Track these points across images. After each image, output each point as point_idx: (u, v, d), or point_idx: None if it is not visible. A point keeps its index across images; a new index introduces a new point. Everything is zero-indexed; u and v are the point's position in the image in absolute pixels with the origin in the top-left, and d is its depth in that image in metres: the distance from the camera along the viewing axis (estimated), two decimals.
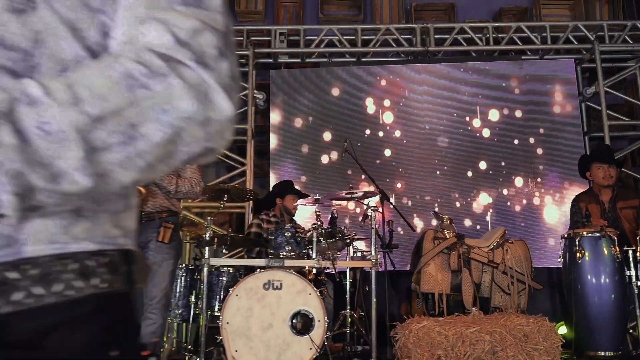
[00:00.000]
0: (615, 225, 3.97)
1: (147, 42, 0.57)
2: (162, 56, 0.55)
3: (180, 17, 0.59)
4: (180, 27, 0.57)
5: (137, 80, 0.53)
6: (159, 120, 0.54)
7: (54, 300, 0.56)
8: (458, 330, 3.62)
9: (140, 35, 0.58)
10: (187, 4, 0.61)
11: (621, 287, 3.67)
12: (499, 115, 5.80)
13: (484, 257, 4.39)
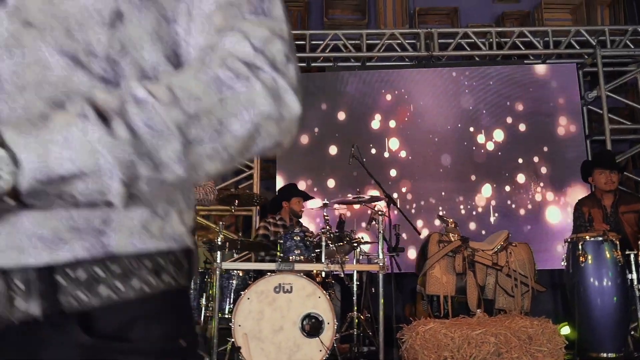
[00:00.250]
0: (618, 229, 4.06)
1: (230, 49, 0.64)
2: (244, 62, 0.63)
3: (254, 27, 0.66)
4: (255, 37, 0.65)
5: (225, 83, 0.61)
6: (242, 118, 0.61)
7: (132, 295, 0.63)
8: (464, 332, 3.70)
9: (222, 43, 0.65)
10: (257, 14, 0.68)
11: (623, 290, 3.76)
12: (501, 120, 5.88)
13: (488, 259, 4.47)
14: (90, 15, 0.64)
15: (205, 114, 0.59)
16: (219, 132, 0.60)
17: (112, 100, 0.57)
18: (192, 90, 0.59)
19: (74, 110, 0.56)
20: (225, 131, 0.60)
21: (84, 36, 0.63)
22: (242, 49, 0.64)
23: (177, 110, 0.58)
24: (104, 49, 0.64)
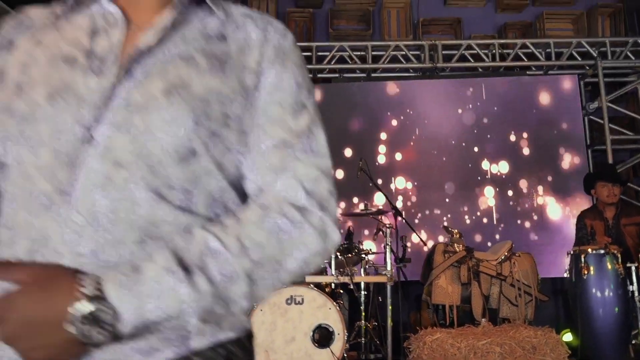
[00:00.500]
0: (619, 241, 4.18)
1: (286, 196, 0.77)
2: (298, 208, 0.75)
3: (304, 167, 0.78)
4: (306, 179, 0.77)
5: (283, 230, 0.73)
6: (296, 257, 0.74)
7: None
8: (470, 342, 3.82)
9: (279, 186, 0.77)
10: (306, 152, 0.80)
11: (624, 301, 3.87)
12: (503, 131, 5.98)
13: (493, 270, 4.58)
14: (169, 154, 0.73)
15: (267, 258, 0.71)
16: (277, 270, 0.73)
17: (192, 251, 0.68)
18: (257, 240, 0.71)
19: (161, 262, 0.66)
20: (282, 269, 0.73)
21: (164, 172, 0.73)
22: (295, 195, 0.76)
23: (245, 259, 0.70)
24: (180, 182, 0.74)
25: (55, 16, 0.84)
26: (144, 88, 0.74)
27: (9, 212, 0.75)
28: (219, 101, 0.77)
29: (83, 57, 0.77)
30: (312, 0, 6.85)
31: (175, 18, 0.80)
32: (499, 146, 5.95)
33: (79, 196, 0.71)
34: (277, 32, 0.85)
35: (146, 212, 0.72)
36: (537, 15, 6.71)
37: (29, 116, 0.74)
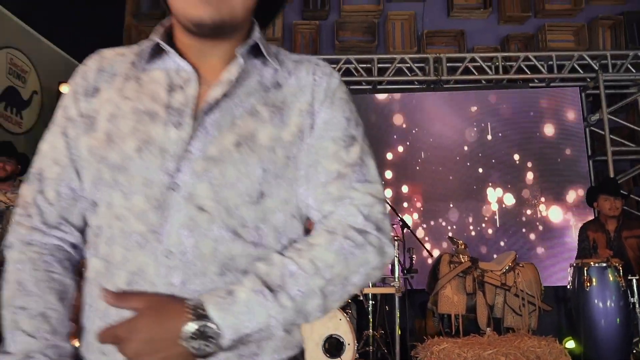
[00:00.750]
0: (620, 253, 4.30)
1: (348, 222, 0.88)
2: (359, 231, 0.87)
3: (360, 195, 0.89)
4: (363, 205, 0.88)
5: (348, 251, 0.85)
6: (360, 273, 0.86)
7: None
8: (476, 352, 3.93)
9: (340, 212, 0.89)
10: (360, 181, 0.90)
11: (625, 312, 3.98)
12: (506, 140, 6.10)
13: (497, 280, 4.70)
14: (242, 199, 0.86)
15: (337, 276, 0.84)
16: (344, 285, 0.85)
17: (274, 274, 0.82)
18: (327, 261, 0.84)
19: (250, 285, 0.80)
20: (348, 284, 0.86)
21: (239, 213, 0.86)
22: (355, 220, 0.88)
23: (318, 278, 0.83)
24: (252, 220, 0.87)
25: (132, 65, 0.95)
26: (218, 141, 0.86)
27: (104, 248, 0.87)
28: (281, 147, 0.89)
29: (163, 111, 0.88)
30: (317, 12, 6.98)
31: (239, 73, 0.91)
32: (502, 157, 6.07)
33: (168, 235, 0.83)
34: (324, 75, 0.96)
35: (225, 248, 0.84)
36: (539, 27, 6.84)
37: (121, 166, 0.86)
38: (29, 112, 5.25)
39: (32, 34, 5.36)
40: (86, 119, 0.92)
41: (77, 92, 0.95)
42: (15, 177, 4.05)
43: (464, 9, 6.98)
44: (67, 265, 0.93)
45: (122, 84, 0.93)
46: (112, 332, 0.77)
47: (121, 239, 0.85)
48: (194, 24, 0.87)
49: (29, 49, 5.27)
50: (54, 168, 0.93)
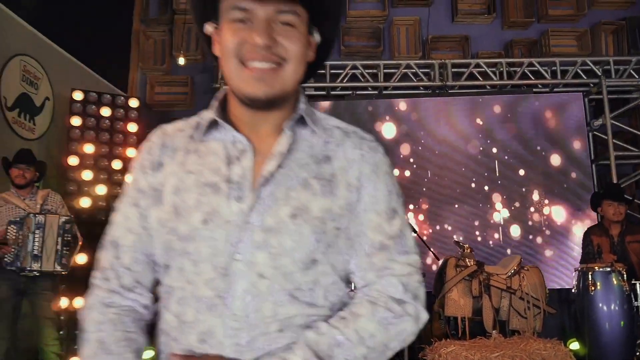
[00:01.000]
0: (624, 257, 4.39)
1: (389, 293, 0.98)
2: (398, 301, 0.97)
3: (400, 267, 1.00)
4: (402, 275, 0.99)
5: (388, 321, 0.96)
6: (397, 340, 0.97)
7: None
8: (483, 354, 4.02)
9: (382, 283, 0.99)
10: (400, 253, 1.01)
11: (629, 316, 4.08)
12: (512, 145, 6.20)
13: (503, 284, 4.79)
14: (297, 266, 0.95)
15: (378, 344, 0.94)
16: (384, 351, 0.96)
17: (323, 343, 0.92)
18: (370, 331, 0.94)
19: (301, 355, 0.90)
20: (387, 350, 0.96)
21: (295, 278, 0.95)
22: (395, 291, 0.99)
23: (362, 347, 0.93)
24: (306, 284, 0.96)
25: (191, 138, 1.04)
26: (274, 212, 0.95)
27: (176, 306, 0.98)
28: (332, 218, 0.97)
29: (224, 184, 0.97)
30: None
31: (289, 145, 1.00)
32: (507, 162, 6.17)
33: (233, 300, 0.93)
34: (370, 149, 1.05)
35: (283, 310, 0.94)
36: (542, 32, 6.93)
37: (189, 237, 0.95)
38: (41, 118, 5.34)
39: (44, 41, 5.46)
40: (154, 192, 1.02)
41: (145, 166, 1.04)
42: (33, 184, 4.14)
43: (468, 15, 7.07)
44: (141, 325, 1.03)
45: (183, 158, 1.02)
46: None
47: (192, 301, 0.95)
48: (249, 99, 0.97)
49: (41, 56, 5.36)
50: (128, 236, 1.03)
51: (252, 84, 0.95)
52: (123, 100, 5.38)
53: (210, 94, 6.89)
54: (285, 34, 0.96)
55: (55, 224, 3.93)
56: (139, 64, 7.03)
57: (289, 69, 0.97)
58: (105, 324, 0.98)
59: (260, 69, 0.95)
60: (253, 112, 1.00)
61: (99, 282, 1.03)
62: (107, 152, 5.17)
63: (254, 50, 0.94)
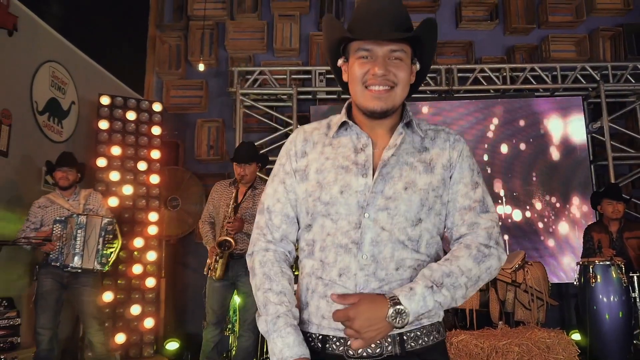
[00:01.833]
0: (622, 252, 4.69)
1: (479, 240, 1.34)
2: (486, 246, 1.33)
3: (484, 221, 1.36)
4: (487, 228, 1.35)
5: (480, 259, 1.31)
6: (487, 273, 1.32)
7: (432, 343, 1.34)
8: (491, 342, 4.31)
9: (474, 234, 1.35)
10: (484, 212, 1.38)
11: (627, 306, 4.36)
12: (516, 146, 6.49)
13: (508, 277, 5.08)
14: (408, 223, 1.33)
15: (474, 275, 1.31)
16: (477, 281, 1.33)
17: (437, 275, 1.26)
18: (468, 266, 1.30)
19: (423, 283, 1.25)
20: (480, 281, 1.33)
21: (406, 232, 1.33)
22: (483, 238, 1.35)
23: (463, 277, 1.29)
24: (414, 236, 1.34)
25: (325, 135, 1.45)
26: (392, 186, 1.34)
27: (318, 253, 1.36)
28: (432, 189, 1.36)
29: (353, 166, 1.36)
30: None
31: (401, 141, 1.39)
32: (510, 162, 6.46)
33: (363, 245, 1.31)
34: (455, 140, 1.44)
35: (398, 254, 1.32)
36: (542, 38, 7.22)
37: (330, 202, 1.34)
38: (68, 121, 5.60)
39: (71, 48, 5.71)
40: (300, 172, 1.42)
41: (291, 154, 1.46)
42: (76, 185, 4.39)
43: (472, 21, 7.36)
44: (289, 264, 1.43)
45: (322, 148, 1.42)
46: (344, 314, 1.22)
47: (332, 247, 1.33)
48: (369, 112, 1.38)
49: (68, 62, 5.61)
50: (277, 205, 1.44)
51: (372, 101, 1.35)
52: (147, 104, 5.63)
53: (224, 96, 7.19)
54: (395, 65, 1.35)
55: (98, 225, 4.16)
56: (155, 68, 7.29)
57: (398, 90, 1.36)
58: (267, 262, 1.39)
59: (378, 91, 1.34)
60: (372, 119, 1.41)
61: (258, 236, 1.45)
62: (132, 154, 5.42)
63: (375, 77, 1.33)
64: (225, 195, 4.30)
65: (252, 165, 4.27)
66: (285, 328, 1.28)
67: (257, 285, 1.37)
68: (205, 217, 4.40)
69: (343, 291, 1.29)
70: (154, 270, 5.30)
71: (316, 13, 7.40)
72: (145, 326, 5.16)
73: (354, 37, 1.36)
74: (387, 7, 1.37)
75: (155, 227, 5.40)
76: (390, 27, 1.34)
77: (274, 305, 1.32)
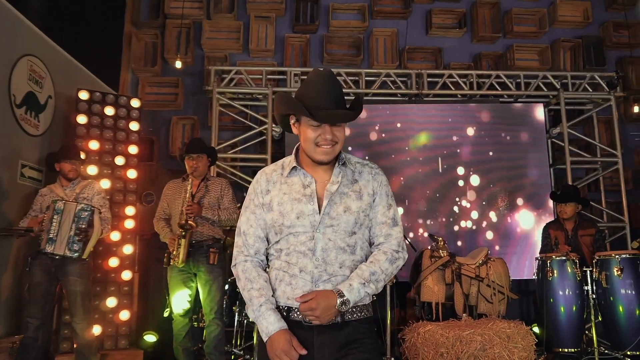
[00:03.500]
0: (577, 249, 5.02)
1: (392, 247, 1.92)
2: (397, 251, 1.93)
3: (395, 233, 1.95)
4: (396, 238, 1.95)
5: (393, 261, 1.91)
6: (396, 270, 1.93)
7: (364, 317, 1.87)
8: (456, 333, 4.56)
9: (388, 243, 1.93)
10: (394, 226, 1.95)
11: (581, 299, 4.68)
12: (480, 150, 6.81)
13: (472, 272, 5.36)
14: (346, 234, 1.86)
15: (389, 273, 1.89)
16: (389, 276, 1.89)
17: (365, 274, 1.81)
18: (386, 266, 1.87)
19: (357, 281, 1.80)
20: (391, 275, 1.90)
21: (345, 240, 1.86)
22: (394, 247, 1.92)
23: (383, 274, 1.86)
24: (351, 244, 1.87)
25: (281, 175, 1.95)
26: (335, 209, 1.86)
27: (284, 256, 1.86)
28: (362, 211, 1.89)
29: (303, 197, 1.87)
30: (308, 26, 7.55)
31: (340, 177, 1.92)
32: (476, 164, 6.77)
33: (316, 252, 1.82)
34: (376, 174, 1.97)
35: (340, 257, 1.84)
36: (507, 47, 7.58)
37: (291, 225, 1.85)
38: (44, 115, 5.62)
39: (48, 42, 5.74)
40: (266, 205, 1.92)
41: (257, 192, 1.96)
42: (80, 177, 4.61)
43: (441, 28, 7.67)
44: (263, 269, 1.94)
45: (279, 186, 1.92)
46: (308, 306, 1.73)
47: (294, 253, 1.84)
48: (318, 162, 1.89)
49: (45, 56, 5.64)
50: (250, 229, 1.94)
51: (321, 156, 1.87)
52: (125, 100, 5.70)
53: (199, 95, 7.31)
54: (337, 130, 1.85)
55: (72, 211, 4.22)
56: (130, 65, 7.35)
57: (338, 146, 1.88)
58: (247, 270, 1.91)
59: (325, 149, 1.85)
60: (316, 164, 1.92)
61: (238, 253, 1.95)
62: (110, 149, 5.48)
63: (325, 140, 1.84)
64: (178, 190, 4.48)
65: (203, 157, 4.51)
66: (267, 312, 1.79)
67: (242, 286, 1.88)
68: (160, 214, 4.57)
69: (303, 282, 1.80)
70: (130, 263, 5.38)
71: (291, 15, 7.59)
72: (121, 318, 5.23)
73: (317, 121, 1.82)
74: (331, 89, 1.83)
75: (132, 221, 5.47)
76: (337, 107, 1.82)
77: (257, 298, 1.82)
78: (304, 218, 1.83)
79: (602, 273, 4.61)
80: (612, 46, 7.62)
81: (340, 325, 1.79)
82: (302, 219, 1.83)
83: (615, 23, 7.66)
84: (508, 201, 6.72)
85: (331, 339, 1.78)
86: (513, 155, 6.81)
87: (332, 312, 1.74)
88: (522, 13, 7.67)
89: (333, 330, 1.79)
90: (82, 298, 4.25)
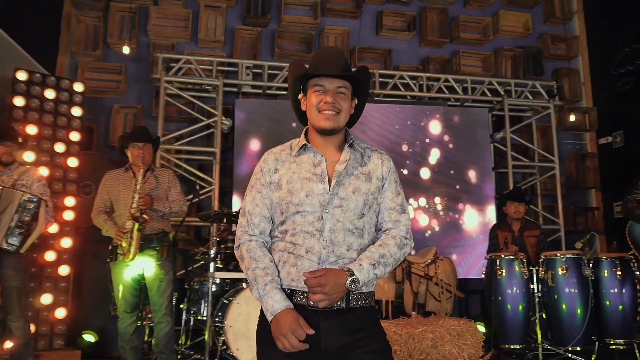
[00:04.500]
0: (523, 249, 5.21)
1: (400, 233, 1.90)
2: (404, 237, 1.90)
3: (404, 220, 1.93)
4: (405, 224, 1.93)
5: (401, 247, 1.88)
6: (403, 256, 1.89)
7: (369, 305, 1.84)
8: (408, 330, 4.61)
9: (396, 228, 1.90)
10: (403, 212, 1.94)
11: (527, 297, 4.85)
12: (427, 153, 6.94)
13: (421, 271, 5.44)
14: (355, 215, 1.83)
15: (398, 257, 1.86)
16: (397, 261, 1.87)
17: (375, 256, 1.78)
18: (394, 251, 1.85)
19: (367, 262, 1.76)
20: (398, 261, 1.87)
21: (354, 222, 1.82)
22: (403, 233, 1.90)
23: (391, 258, 1.83)
24: (359, 225, 1.84)
25: (289, 154, 1.92)
26: (343, 190, 1.83)
27: (289, 237, 1.81)
28: (371, 193, 1.88)
29: (313, 176, 1.84)
30: (259, 19, 7.40)
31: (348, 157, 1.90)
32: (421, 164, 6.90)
33: (324, 232, 1.78)
34: (386, 160, 1.97)
35: (348, 239, 1.81)
36: (454, 52, 7.77)
37: (299, 204, 1.81)
38: None
39: None
40: (274, 184, 1.88)
41: (264, 171, 1.91)
42: (17, 162, 4.23)
43: (391, 30, 7.75)
44: (268, 248, 1.88)
45: (289, 165, 1.89)
46: (317, 282, 1.67)
47: (301, 233, 1.79)
48: (321, 130, 1.87)
49: None
50: (256, 209, 1.90)
51: (323, 121, 1.85)
52: (68, 83, 5.35)
53: (143, 83, 6.99)
54: (340, 97, 1.87)
55: (16, 200, 3.87)
56: (69, 47, 6.91)
57: (342, 115, 1.87)
58: (252, 249, 1.85)
59: (328, 114, 1.84)
60: (324, 137, 1.90)
61: (242, 232, 1.89)
62: (50, 135, 5.13)
63: (326, 104, 1.84)
64: (122, 181, 4.22)
65: (149, 146, 4.27)
66: (272, 290, 1.73)
67: (247, 266, 1.80)
68: (99, 207, 4.25)
69: (310, 263, 1.75)
70: (68, 257, 5.05)
71: (242, 7, 7.41)
72: (57, 316, 4.90)
73: (314, 73, 1.86)
74: (335, 56, 1.89)
75: (71, 213, 5.14)
76: (338, 69, 1.85)
77: (262, 277, 1.75)
78: (313, 197, 1.79)
79: (547, 272, 4.79)
80: (550, 57, 7.99)
81: (346, 310, 1.75)
82: (311, 197, 1.79)
83: (553, 36, 8.04)
84: (452, 201, 6.88)
85: (339, 324, 1.74)
86: (459, 157, 6.99)
87: (341, 291, 1.69)
88: (468, 20, 7.88)
89: (340, 316, 1.75)
90: (18, 294, 3.93)
